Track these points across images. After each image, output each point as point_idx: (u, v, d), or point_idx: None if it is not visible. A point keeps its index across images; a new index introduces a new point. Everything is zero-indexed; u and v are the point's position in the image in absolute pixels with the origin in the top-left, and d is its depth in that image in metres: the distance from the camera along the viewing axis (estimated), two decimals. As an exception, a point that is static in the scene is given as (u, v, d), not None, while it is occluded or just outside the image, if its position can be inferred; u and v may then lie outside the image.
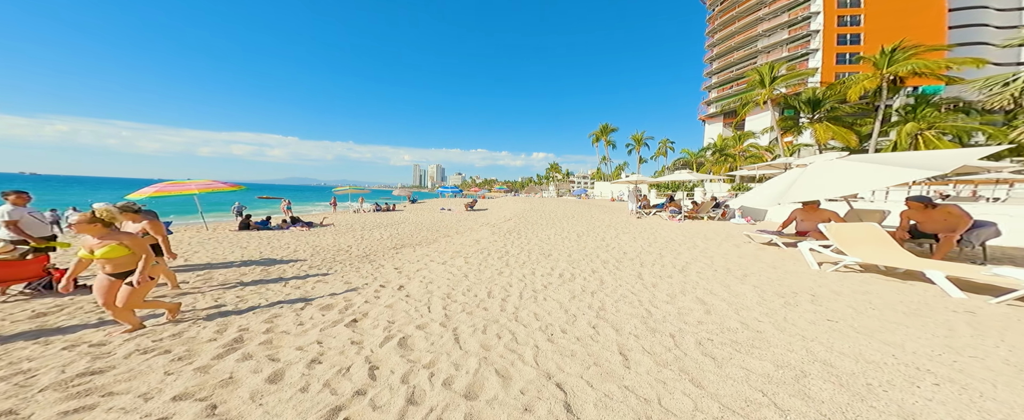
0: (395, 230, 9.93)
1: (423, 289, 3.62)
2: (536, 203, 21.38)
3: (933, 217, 4.40)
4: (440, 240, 7.86)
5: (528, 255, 5.51)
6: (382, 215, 15.46)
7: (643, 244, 6.43)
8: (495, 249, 6.07)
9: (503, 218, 12.09)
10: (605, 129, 47.89)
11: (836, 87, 24.95)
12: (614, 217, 12.20)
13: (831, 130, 24.27)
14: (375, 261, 5.43)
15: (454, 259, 5.27)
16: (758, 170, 13.84)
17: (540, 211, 14.55)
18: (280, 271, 4.77)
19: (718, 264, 4.53)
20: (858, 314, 2.47)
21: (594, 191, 41.77)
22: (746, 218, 9.47)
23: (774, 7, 40.68)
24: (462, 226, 10.93)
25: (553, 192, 53.92)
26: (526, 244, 6.60)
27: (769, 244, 6.08)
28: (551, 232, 8.38)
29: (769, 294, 3.08)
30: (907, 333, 2.08)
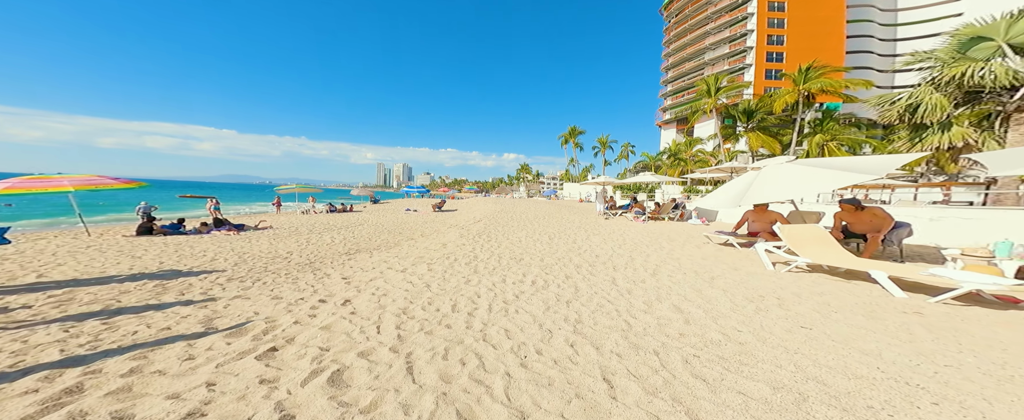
0: (350, 233, 8.98)
1: (374, 303, 3.06)
2: (507, 204, 21.08)
3: (862, 218, 4.78)
4: (402, 244, 7.18)
5: (499, 260, 5.15)
6: (337, 217, 13.91)
7: (613, 246, 6.42)
8: (463, 254, 5.63)
9: (473, 219, 11.62)
10: (573, 131, 49.29)
11: (765, 100, 28.18)
12: (583, 218, 12.33)
13: (761, 139, 27.41)
14: (320, 270, 4.61)
15: (416, 266, 4.73)
16: (707, 173, 15.04)
17: (511, 212, 14.29)
18: (182, 287, 3.69)
19: (685, 266, 4.56)
20: (825, 319, 2.48)
21: (563, 192, 42.66)
22: (701, 219, 10.08)
23: (718, 23, 45.06)
24: (428, 228, 10.24)
25: (524, 193, 54.23)
26: (496, 248, 6.25)
27: (725, 244, 6.34)
28: (522, 234, 8.12)
29: (739, 298, 3.06)
30: (878, 340, 2.08)
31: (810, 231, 4.15)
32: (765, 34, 40.49)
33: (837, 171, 3.88)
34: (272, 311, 2.88)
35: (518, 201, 26.55)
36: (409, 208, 18.85)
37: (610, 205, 13.14)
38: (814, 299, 2.97)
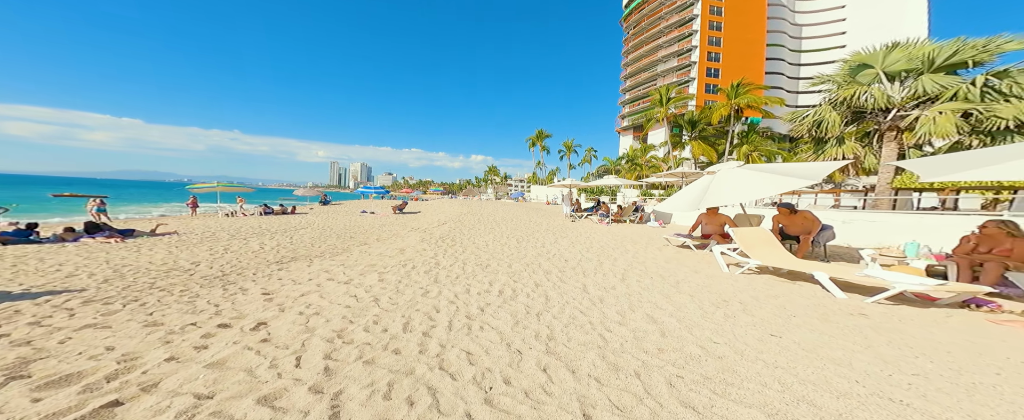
0: (287, 238, 7.79)
1: (300, 326, 2.45)
2: (474, 206, 20.40)
3: (795, 221, 5.18)
4: (352, 250, 6.36)
5: (463, 267, 4.74)
6: (273, 220, 12.00)
7: (582, 250, 6.36)
8: (423, 260, 5.10)
9: (437, 222, 10.94)
10: (540, 135, 50.17)
11: (706, 111, 31.48)
12: (551, 221, 12.32)
13: (702, 147, 30.48)
14: (234, 284, 3.74)
15: (365, 276, 4.11)
16: (661, 178, 16.13)
17: (478, 214, 13.82)
18: (2, 316, 2.57)
19: (651, 270, 4.57)
20: (788, 324, 2.49)
21: (530, 194, 43.09)
22: (659, 221, 10.65)
23: (669, 37, 49.34)
24: (386, 232, 9.35)
25: (491, 195, 53.79)
26: (461, 253, 5.81)
27: (683, 247, 6.58)
28: (489, 238, 7.76)
29: (706, 304, 3.04)
30: (842, 347, 2.09)
31: (758, 234, 4.41)
32: (706, 51, 45.20)
33: (781, 176, 4.19)
34: (137, 345, 2.10)
35: (486, 203, 26.01)
36: (366, 210, 17.18)
37: (576, 207, 13.36)
38: (771, 302, 3.04)
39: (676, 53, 48.53)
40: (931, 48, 10.60)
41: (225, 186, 14.74)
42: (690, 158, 31.67)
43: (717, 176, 4.87)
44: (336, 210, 17.77)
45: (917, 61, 10.73)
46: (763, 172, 4.48)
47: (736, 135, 28.84)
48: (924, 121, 10.12)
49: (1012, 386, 1.67)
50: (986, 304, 2.58)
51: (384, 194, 24.77)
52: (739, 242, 4.24)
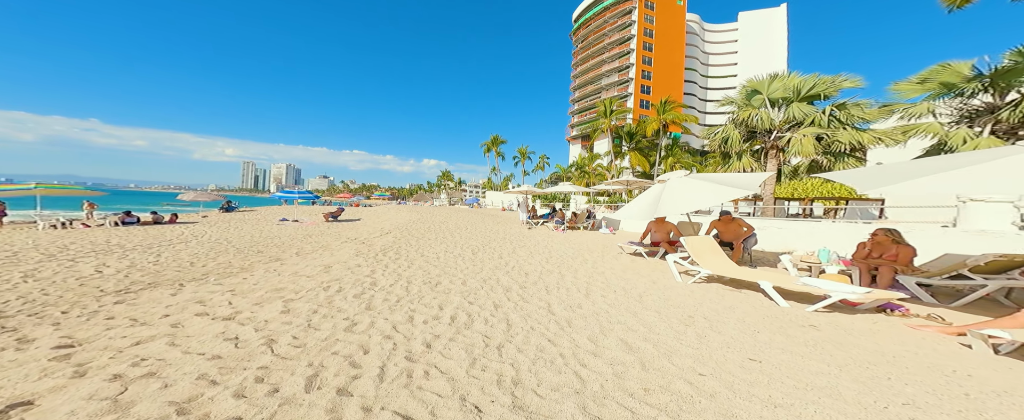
0: (152, 257, 5.88)
1: (103, 403, 1.54)
2: (426, 212, 18.93)
3: (731, 228, 5.50)
4: (255, 269, 5.05)
5: (407, 287, 4.03)
6: (136, 232, 9.07)
7: (541, 261, 6.09)
8: (354, 280, 4.24)
9: (379, 231, 9.72)
10: (495, 140, 50.15)
11: (641, 125, 35.23)
12: (507, 228, 11.98)
13: (637, 158, 33.96)
14: (17, 332, 2.45)
15: (262, 306, 3.11)
16: (609, 186, 17.17)
17: (429, 221, 12.81)
18: None
19: (612, 282, 4.42)
20: (755, 342, 2.42)
21: (486, 200, 42.52)
22: (610, 228, 11.13)
23: (612, 53, 54.30)
24: (311, 244, 7.89)
25: (445, 200, 51.78)
26: (406, 268, 5.05)
27: (635, 254, 6.79)
28: (441, 249, 7.06)
29: (674, 321, 2.90)
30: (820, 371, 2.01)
31: (705, 243, 4.64)
32: (640, 69, 50.67)
33: (725, 186, 4.50)
34: None
35: (438, 209, 24.58)
36: (287, 218, 14.55)
37: (532, 214, 13.31)
38: (731, 315, 3.03)
39: (617, 69, 53.49)
40: (799, 80, 13.20)
41: (60, 188, 10.94)
42: (628, 167, 34.84)
43: (668, 185, 5.08)
44: (242, 219, 14.49)
45: (790, 91, 13.22)
46: (709, 181, 4.77)
47: (663, 148, 32.67)
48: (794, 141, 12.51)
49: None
50: (898, 308, 2.92)
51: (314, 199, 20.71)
52: (690, 251, 4.39)
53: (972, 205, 4.11)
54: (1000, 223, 3.97)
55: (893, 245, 3.64)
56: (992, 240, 3.73)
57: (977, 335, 2.08)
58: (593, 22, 57.73)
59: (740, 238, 5.52)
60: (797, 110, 12.74)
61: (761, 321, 2.86)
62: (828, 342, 2.40)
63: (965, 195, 4.15)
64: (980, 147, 9.66)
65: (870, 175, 2.64)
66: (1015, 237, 3.61)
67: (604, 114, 34.38)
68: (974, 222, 4.10)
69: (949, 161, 2.31)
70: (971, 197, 4.09)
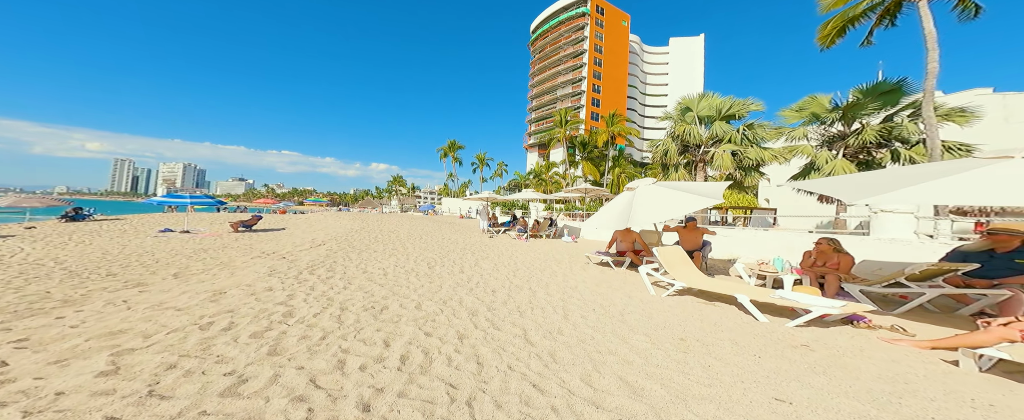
0: None
1: None
2: (373, 220, 16.33)
3: (692, 236, 5.59)
4: (90, 300, 3.58)
5: (339, 317, 3.12)
6: None
7: (508, 274, 5.58)
8: (258, 311, 3.14)
9: (308, 243, 8.14)
10: (453, 145, 48.69)
11: (593, 136, 37.66)
12: (467, 237, 11.22)
13: (589, 167, 36.17)
14: None
15: (65, 366, 1.98)
16: (566, 194, 17.60)
17: (376, 230, 11.38)
18: None
19: (588, 298, 4.09)
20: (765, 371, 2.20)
21: (442, 207, 40.75)
22: (572, 236, 11.18)
23: (567, 65, 57.39)
24: (203, 262, 6.08)
25: (396, 207, 48.29)
26: (341, 290, 4.10)
27: (603, 264, 6.58)
28: (389, 263, 6.10)
29: (668, 347, 2.60)
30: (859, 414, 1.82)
31: (675, 253, 4.61)
32: (591, 83, 54.51)
33: (694, 194, 4.58)
34: None
35: (389, 217, 22.25)
36: (172, 228, 11.44)
37: (493, 222, 12.79)
38: (722, 335, 2.85)
39: (571, 81, 56.65)
40: (720, 101, 15.21)
41: None
42: (582, 176, 36.75)
43: (637, 194, 5.05)
44: (97, 230, 10.48)
45: (713, 110, 15.20)
46: (677, 190, 4.83)
47: (610, 158, 35.28)
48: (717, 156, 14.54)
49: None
50: (861, 319, 3.04)
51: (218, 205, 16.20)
52: (663, 262, 4.33)
53: (883, 215, 4.81)
54: (905, 232, 4.69)
55: (835, 254, 3.90)
56: (901, 247, 4.35)
57: (968, 354, 2.15)
58: (550, 34, 60.52)
59: (699, 246, 5.76)
60: (719, 128, 14.66)
61: (753, 341, 2.72)
62: (833, 367, 2.28)
63: (876, 206, 4.84)
64: (836, 168, 11.75)
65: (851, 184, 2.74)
66: (919, 245, 4.25)
67: (560, 124, 35.77)
68: (885, 231, 4.78)
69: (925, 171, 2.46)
70: (882, 208, 4.78)
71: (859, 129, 12.06)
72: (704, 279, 4.13)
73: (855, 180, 2.81)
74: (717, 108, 14.75)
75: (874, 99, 11.58)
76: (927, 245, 4.16)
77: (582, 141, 35.62)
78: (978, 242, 3.33)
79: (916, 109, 10.99)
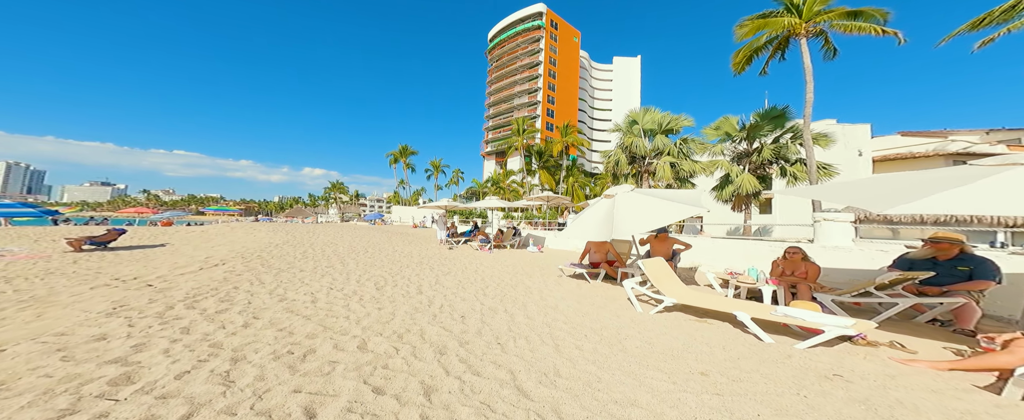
0: None
1: None
2: (302, 231, 13.29)
3: (664, 246, 5.45)
4: None
5: (226, 377, 2.05)
6: None
7: (476, 292, 4.80)
8: (53, 383, 1.90)
9: (199, 262, 6.10)
10: (405, 151, 45.82)
11: (548, 145, 39.03)
12: (424, 249, 10.03)
13: (545, 176, 37.30)
14: None
15: None
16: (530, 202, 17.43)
17: (306, 243, 9.52)
18: None
19: (576, 322, 3.53)
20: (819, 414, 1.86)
21: (392, 216, 37.76)
22: (537, 246, 10.79)
23: (523, 75, 59.00)
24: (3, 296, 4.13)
25: (336, 216, 43.29)
26: (235, 331, 2.92)
27: (576, 276, 6.19)
28: (322, 285, 4.88)
29: (694, 387, 2.16)
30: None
31: (660, 266, 4.25)
32: (546, 94, 56.94)
33: (676, 203, 4.44)
34: None
35: (325, 227, 19.08)
36: None
37: (452, 232, 11.80)
38: (742, 367, 2.50)
39: (527, 91, 58.39)
40: (660, 116, 16.82)
41: None
42: (539, 184, 37.54)
43: (617, 201, 4.79)
44: None
45: (655, 124, 16.82)
46: (658, 198, 4.65)
47: (565, 168, 36.83)
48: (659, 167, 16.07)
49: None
50: (860, 335, 2.89)
51: (49, 216, 11.13)
52: (650, 276, 4.02)
53: (826, 224, 5.28)
54: (845, 239, 5.20)
55: (802, 263, 3.95)
56: (844, 255, 4.74)
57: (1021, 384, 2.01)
58: (507, 43, 61.91)
59: (670, 256, 5.69)
60: (660, 141, 16.25)
61: (779, 371, 2.41)
62: (888, 403, 1.97)
63: (819, 215, 5.32)
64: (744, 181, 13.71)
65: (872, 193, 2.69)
66: (858, 252, 4.66)
67: (517, 132, 36.21)
68: (830, 239, 5.24)
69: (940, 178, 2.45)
70: (824, 217, 5.26)
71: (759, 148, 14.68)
72: (698, 295, 3.91)
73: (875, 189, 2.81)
74: (658, 122, 16.12)
75: (768, 122, 14.05)
76: (865, 251, 4.57)
77: (539, 150, 36.47)
78: (921, 250, 3.50)
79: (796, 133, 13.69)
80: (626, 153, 17.36)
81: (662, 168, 15.80)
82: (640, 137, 16.90)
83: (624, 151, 17.45)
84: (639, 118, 17.27)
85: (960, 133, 21.49)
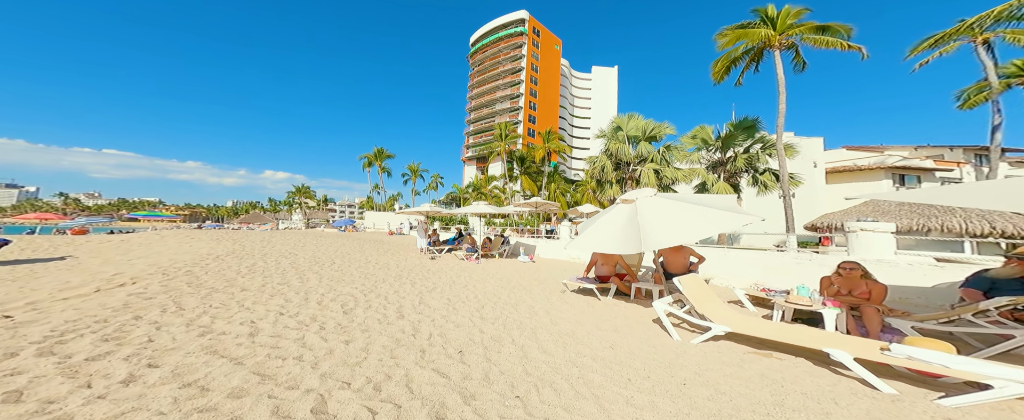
0: None
1: None
2: (255, 240, 10.98)
3: (679, 258, 4.79)
4: None
5: None
6: None
7: (470, 315, 3.91)
8: None
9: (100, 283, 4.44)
10: (380, 154, 43.62)
11: (530, 151, 38.91)
12: (403, 259, 8.89)
13: (528, 182, 37.02)
14: None
15: None
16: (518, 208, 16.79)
17: (258, 254, 8.06)
18: None
19: (605, 356, 2.78)
20: None
21: (364, 222, 35.50)
22: (529, 256, 10.00)
23: (505, 80, 58.96)
24: None
25: (300, 222, 40.03)
26: (97, 396, 1.87)
27: (582, 291, 5.48)
28: (269, 308, 3.80)
29: None
30: None
31: (699, 284, 3.60)
32: (528, 100, 57.25)
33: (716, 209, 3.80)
34: None
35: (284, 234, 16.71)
36: None
37: (433, 240, 10.76)
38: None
39: (509, 96, 58.40)
40: (644, 123, 17.11)
41: None
42: (520, 191, 37.11)
43: (640, 208, 4.09)
44: None
45: (639, 130, 17.07)
46: (690, 204, 3.99)
47: (546, 174, 36.80)
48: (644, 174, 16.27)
49: None
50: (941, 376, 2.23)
51: None
52: (692, 298, 3.37)
53: (864, 234, 4.89)
54: (887, 251, 4.73)
55: (862, 281, 3.38)
56: (888, 269, 4.30)
57: None
58: (489, 48, 61.91)
59: (688, 269, 5.09)
60: (644, 148, 16.54)
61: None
62: None
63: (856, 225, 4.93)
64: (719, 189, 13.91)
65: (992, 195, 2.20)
66: (907, 267, 4.24)
67: (500, 137, 35.71)
68: (869, 251, 4.70)
69: None
70: (861, 227, 4.91)
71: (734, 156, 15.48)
72: (756, 322, 3.18)
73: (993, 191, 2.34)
74: (642, 129, 16.31)
75: (741, 132, 14.70)
76: (915, 267, 4.17)
77: (520, 156, 36.15)
78: (1006, 268, 3.00)
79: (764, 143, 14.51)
80: (611, 159, 17.40)
81: (647, 175, 15.97)
82: (625, 143, 17.05)
83: (610, 157, 17.47)
84: (624, 124, 17.43)
85: (894, 148, 24.31)
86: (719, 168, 16.42)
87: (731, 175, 15.70)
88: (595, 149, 18.20)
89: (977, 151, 23.12)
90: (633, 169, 17.12)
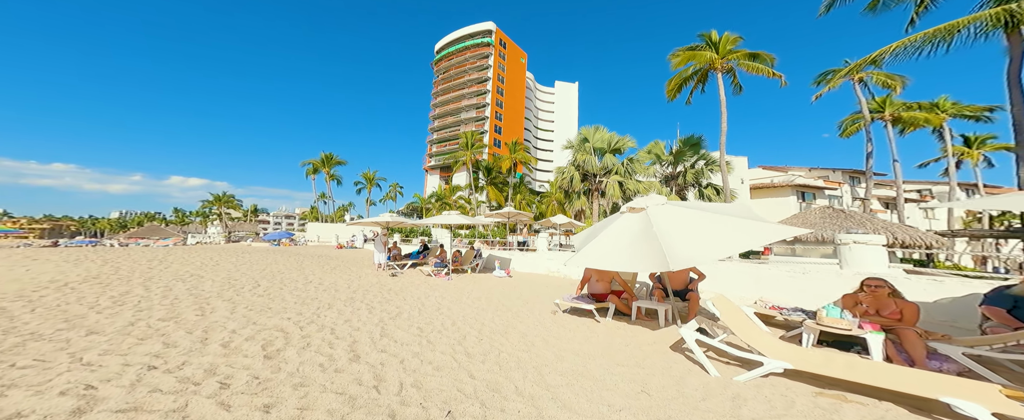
0: None
1: None
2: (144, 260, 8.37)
3: (679, 274, 4.42)
4: None
5: None
6: None
7: (451, 350, 2.95)
8: None
9: None
10: (328, 160, 39.72)
11: (496, 161, 38.72)
12: (355, 277, 7.41)
13: (494, 192, 36.60)
14: None
15: None
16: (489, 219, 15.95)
17: (133, 281, 6.01)
18: None
19: (637, 406, 2.04)
20: None
21: (306, 235, 31.61)
22: (505, 270, 9.15)
23: (471, 89, 58.68)
24: None
25: (218, 236, 34.33)
26: None
27: (575, 311, 4.83)
28: (132, 361, 2.47)
29: None
30: None
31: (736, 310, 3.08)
32: (495, 111, 57.57)
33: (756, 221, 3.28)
34: None
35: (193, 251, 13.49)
36: None
37: (394, 254, 9.41)
38: None
39: (475, 105, 58.23)
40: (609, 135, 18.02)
41: None
42: (486, 201, 36.42)
43: (654, 217, 3.49)
44: None
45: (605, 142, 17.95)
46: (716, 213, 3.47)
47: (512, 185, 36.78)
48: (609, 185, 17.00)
49: None
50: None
51: None
52: (732, 326, 2.82)
53: (857, 248, 4.91)
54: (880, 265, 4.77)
55: (891, 299, 3.10)
56: None
57: None
58: (455, 57, 61.63)
59: (689, 285, 4.72)
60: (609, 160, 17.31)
61: None
62: None
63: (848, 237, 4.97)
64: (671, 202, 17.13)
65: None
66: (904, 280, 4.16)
67: (466, 146, 34.96)
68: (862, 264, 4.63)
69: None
70: (854, 239, 4.96)
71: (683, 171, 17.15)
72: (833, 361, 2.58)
73: None
74: (607, 141, 17.40)
75: (689, 148, 16.00)
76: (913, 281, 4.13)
77: (487, 166, 35.65)
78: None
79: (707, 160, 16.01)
80: (579, 170, 17.82)
81: (612, 186, 16.51)
82: (591, 155, 17.62)
83: (578, 168, 17.88)
84: (590, 136, 17.97)
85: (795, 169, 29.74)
86: (671, 181, 17.64)
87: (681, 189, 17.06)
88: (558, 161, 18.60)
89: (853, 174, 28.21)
90: (599, 180, 17.66)
